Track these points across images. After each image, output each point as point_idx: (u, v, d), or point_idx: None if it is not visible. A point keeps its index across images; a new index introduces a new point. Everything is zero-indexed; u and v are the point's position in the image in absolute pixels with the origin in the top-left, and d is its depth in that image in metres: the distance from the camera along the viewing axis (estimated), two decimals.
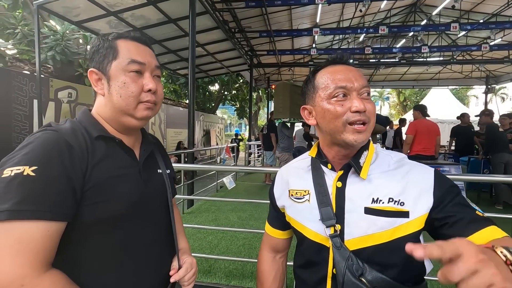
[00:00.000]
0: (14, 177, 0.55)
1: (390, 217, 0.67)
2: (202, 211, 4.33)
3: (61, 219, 0.59)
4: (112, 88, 0.72)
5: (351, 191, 0.72)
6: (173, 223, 0.84)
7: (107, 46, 0.73)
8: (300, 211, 0.80)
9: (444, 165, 3.91)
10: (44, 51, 7.43)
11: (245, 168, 4.21)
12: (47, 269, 0.57)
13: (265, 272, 0.93)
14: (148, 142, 0.84)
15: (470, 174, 2.60)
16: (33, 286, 0.54)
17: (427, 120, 4.54)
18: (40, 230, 0.56)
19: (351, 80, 0.71)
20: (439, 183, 0.69)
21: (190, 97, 4.64)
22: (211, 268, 2.43)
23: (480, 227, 0.62)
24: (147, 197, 0.75)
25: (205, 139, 15.31)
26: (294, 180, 0.84)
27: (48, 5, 4.86)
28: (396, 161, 0.75)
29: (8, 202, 0.54)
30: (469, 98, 29.59)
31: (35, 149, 0.60)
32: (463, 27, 7.40)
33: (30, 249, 0.55)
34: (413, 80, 13.67)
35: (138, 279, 0.72)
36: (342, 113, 0.70)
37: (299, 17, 8.27)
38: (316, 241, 0.75)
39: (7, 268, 0.52)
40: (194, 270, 0.84)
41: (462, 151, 6.00)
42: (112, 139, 0.72)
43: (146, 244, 0.75)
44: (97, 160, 0.66)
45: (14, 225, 0.54)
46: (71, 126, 0.68)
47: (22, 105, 5.84)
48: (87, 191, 0.63)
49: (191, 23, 4.57)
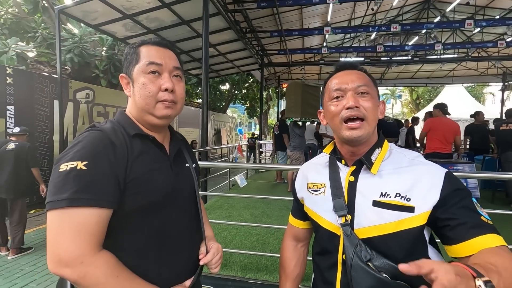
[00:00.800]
0: (70, 171, 0.65)
1: (396, 211, 0.72)
2: (215, 208, 4.44)
3: (110, 207, 0.68)
4: (135, 89, 0.80)
5: (362, 185, 0.79)
6: (200, 212, 0.93)
7: (132, 53, 0.82)
8: (316, 202, 0.88)
9: (458, 164, 3.88)
10: (63, 54, 7.70)
11: (256, 165, 4.30)
12: (100, 250, 0.67)
13: (287, 259, 1.02)
14: (177, 139, 0.93)
15: (480, 172, 2.58)
16: (91, 263, 0.63)
17: (445, 118, 4.49)
18: (94, 216, 0.65)
19: (347, 82, 0.80)
20: (448, 183, 0.71)
21: (204, 97, 4.76)
22: (227, 262, 2.53)
23: (480, 233, 0.64)
24: (178, 188, 0.84)
25: (216, 138, 15.49)
26: (313, 175, 0.94)
27: (68, 10, 5.07)
28: (409, 159, 0.79)
29: (67, 192, 0.63)
30: (485, 96, 28.75)
31: (85, 146, 0.69)
32: (478, 23, 7.26)
33: (87, 232, 0.64)
34: (426, 77, 13.44)
35: (174, 261, 0.81)
36: (338, 111, 0.79)
37: (310, 16, 8.28)
38: (329, 229, 0.82)
39: (70, 247, 0.62)
40: (220, 254, 0.92)
41: (477, 150, 5.90)
42: (147, 136, 0.81)
43: (179, 230, 0.84)
44: (135, 156, 0.75)
45: (73, 211, 0.64)
46: (111, 126, 0.77)
47: (44, 106, 6.09)
48: (128, 183, 0.72)
49: (204, 24, 4.67)
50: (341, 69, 0.85)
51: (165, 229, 0.80)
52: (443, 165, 3.18)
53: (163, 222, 0.79)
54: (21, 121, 5.41)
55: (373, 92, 0.81)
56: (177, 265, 0.82)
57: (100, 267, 0.64)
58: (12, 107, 5.42)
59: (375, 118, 0.80)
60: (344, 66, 0.85)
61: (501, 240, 0.64)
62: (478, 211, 0.69)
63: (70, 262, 0.62)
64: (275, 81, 13.25)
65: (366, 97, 0.78)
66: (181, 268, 0.84)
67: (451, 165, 3.82)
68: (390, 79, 13.76)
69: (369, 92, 0.79)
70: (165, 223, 0.80)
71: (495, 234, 0.64)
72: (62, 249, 0.62)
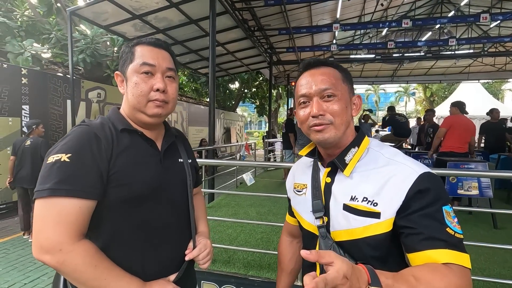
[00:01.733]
0: (54, 163, 0.69)
1: (361, 216, 0.69)
2: (222, 205, 4.47)
3: (91, 198, 0.71)
4: (128, 87, 0.82)
5: (336, 187, 0.76)
6: (190, 208, 0.92)
7: (127, 52, 0.84)
8: (299, 203, 0.89)
9: (470, 163, 3.76)
10: (75, 54, 7.91)
11: (264, 163, 4.29)
12: (80, 239, 0.69)
13: (282, 254, 1.05)
14: (170, 135, 0.94)
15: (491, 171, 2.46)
16: (69, 251, 0.66)
17: (465, 117, 4.37)
18: (74, 206, 0.68)
19: (311, 86, 0.75)
20: (416, 186, 0.65)
21: (211, 96, 4.79)
22: (230, 259, 2.54)
23: (430, 247, 0.59)
24: (168, 183, 0.85)
25: (226, 136, 15.57)
26: (298, 175, 0.94)
27: (80, 11, 5.20)
28: (386, 159, 0.73)
29: (49, 182, 0.67)
30: (503, 92, 27.70)
31: (71, 140, 0.73)
32: (495, 17, 6.99)
33: (67, 221, 0.67)
34: (440, 74, 13.05)
35: (158, 255, 0.82)
36: (305, 118, 0.77)
37: (319, 13, 8.18)
38: (309, 230, 0.83)
39: (50, 234, 0.66)
40: (208, 250, 0.92)
41: (492, 148, 5.70)
42: (135, 131, 0.83)
43: (166, 225, 0.84)
44: (121, 149, 0.78)
45: (54, 200, 0.67)
46: (100, 121, 0.81)
47: (57, 105, 6.29)
48: (112, 175, 0.74)
49: (211, 23, 4.70)
50: (306, 69, 0.80)
51: (150, 222, 0.81)
52: (455, 163, 3.08)
53: (149, 215, 0.80)
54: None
55: (342, 91, 0.75)
56: (162, 259, 0.83)
57: (79, 255, 0.67)
58: (27, 106, 5.62)
59: (345, 120, 0.75)
60: (307, 66, 0.80)
61: (454, 258, 0.58)
62: (445, 220, 0.62)
63: (50, 249, 0.65)
64: (285, 79, 13.20)
65: (332, 100, 0.74)
66: (167, 263, 0.84)
67: (463, 164, 3.72)
68: (403, 76, 13.46)
69: (335, 94, 0.74)
70: (150, 217, 0.81)
71: (450, 250, 0.59)
72: (43, 237, 0.66)
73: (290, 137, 5.98)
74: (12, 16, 8.41)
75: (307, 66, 0.80)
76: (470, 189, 3.56)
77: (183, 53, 7.86)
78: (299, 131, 5.64)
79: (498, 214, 3.45)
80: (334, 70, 0.78)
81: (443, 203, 0.64)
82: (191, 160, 0.98)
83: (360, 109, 0.83)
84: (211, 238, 3.23)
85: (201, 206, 1.05)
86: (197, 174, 1.05)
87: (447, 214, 0.63)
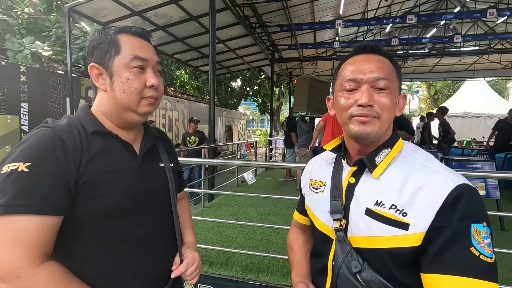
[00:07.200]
0: (10, 173, 0.58)
1: (386, 224, 0.62)
2: (222, 205, 4.40)
3: (55, 213, 0.61)
4: (115, 84, 0.72)
5: (360, 188, 0.70)
6: (175, 217, 0.84)
7: (108, 41, 0.72)
8: (314, 201, 0.81)
9: (476, 162, 3.66)
10: (75, 52, 7.85)
11: (264, 163, 4.21)
12: (43, 261, 0.59)
13: (293, 240, 0.94)
14: (150, 136, 0.84)
15: (497, 172, 2.38)
16: (29, 277, 0.56)
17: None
18: (35, 224, 0.58)
19: (363, 72, 0.67)
20: (450, 205, 0.57)
21: (211, 94, 4.71)
22: (228, 261, 2.47)
23: (439, 271, 0.55)
24: (147, 191, 0.76)
25: (227, 134, 15.49)
26: (316, 171, 0.86)
27: (78, 8, 5.13)
28: (420, 165, 0.66)
29: (3, 197, 0.56)
30: (509, 90, 27.37)
31: (30, 145, 0.62)
32: (502, 13, 6.82)
33: (25, 242, 0.57)
34: (445, 72, 12.86)
35: (140, 271, 0.73)
36: (348, 106, 0.68)
37: (321, 9, 8.05)
38: (323, 231, 0.75)
39: (5, 259, 0.55)
40: (196, 264, 0.84)
41: (500, 147, 5.60)
42: (109, 134, 0.73)
43: (147, 238, 0.75)
44: (92, 155, 0.67)
45: (10, 219, 0.56)
46: (67, 123, 0.70)
47: (57, 103, 6.24)
48: (82, 185, 0.65)
49: (211, 19, 4.62)
50: (360, 52, 0.71)
51: (129, 236, 0.72)
52: (460, 163, 2.95)
53: (127, 228, 0.72)
54: (34, 118, 5.56)
55: (394, 86, 0.68)
56: (145, 276, 0.74)
57: (41, 281, 0.57)
58: (26, 104, 5.57)
59: (391, 117, 0.68)
60: (363, 49, 0.71)
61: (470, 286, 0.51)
62: (471, 239, 0.54)
63: (5, 276, 0.55)
64: (287, 77, 13.08)
65: (384, 93, 0.66)
66: (150, 280, 0.76)
67: (469, 163, 3.62)
68: (406, 73, 13.25)
69: (388, 87, 0.66)
70: (129, 229, 0.72)
71: (465, 278, 0.51)
72: None
73: (291, 136, 5.89)
74: (13, 14, 8.37)
75: (363, 49, 0.71)
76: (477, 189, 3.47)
77: (184, 51, 7.77)
78: (299, 130, 5.55)
79: (505, 215, 3.35)
80: (389, 62, 0.70)
81: (474, 220, 0.56)
82: (173, 164, 0.88)
83: (403, 110, 0.74)
84: (210, 239, 3.15)
85: (186, 213, 0.96)
86: (181, 178, 0.96)
87: (476, 233, 0.55)
